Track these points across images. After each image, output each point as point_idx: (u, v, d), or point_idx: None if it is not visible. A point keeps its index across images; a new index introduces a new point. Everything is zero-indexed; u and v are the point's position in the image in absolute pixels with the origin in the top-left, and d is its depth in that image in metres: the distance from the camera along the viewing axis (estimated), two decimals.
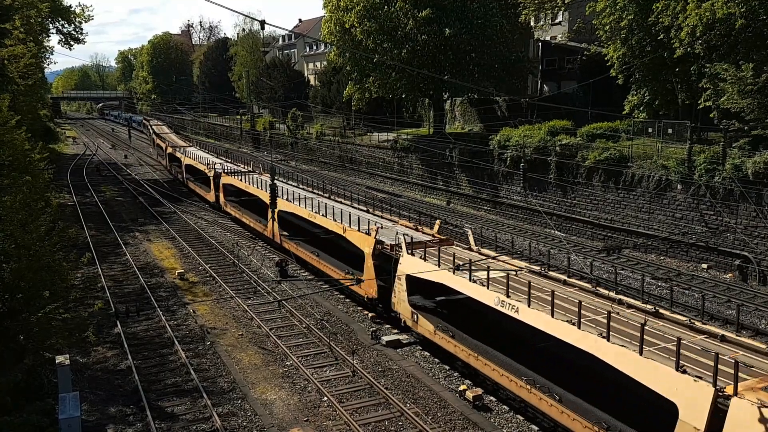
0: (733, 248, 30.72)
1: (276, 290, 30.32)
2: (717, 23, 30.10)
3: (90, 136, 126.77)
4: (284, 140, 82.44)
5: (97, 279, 31.97)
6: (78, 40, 72.58)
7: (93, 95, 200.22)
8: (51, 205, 29.95)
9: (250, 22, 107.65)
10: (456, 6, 48.82)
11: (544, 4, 46.02)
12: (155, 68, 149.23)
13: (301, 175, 49.52)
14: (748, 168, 29.75)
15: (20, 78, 43.22)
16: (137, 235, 42.40)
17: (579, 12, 49.51)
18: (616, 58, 37.51)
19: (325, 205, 32.97)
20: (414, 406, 19.14)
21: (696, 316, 20.02)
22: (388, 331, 25.21)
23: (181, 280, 32.50)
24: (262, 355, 23.27)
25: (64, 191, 58.39)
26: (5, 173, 23.06)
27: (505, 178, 45.00)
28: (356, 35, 51.10)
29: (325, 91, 78.91)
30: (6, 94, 31.18)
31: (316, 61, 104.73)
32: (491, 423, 18.39)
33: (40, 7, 55.65)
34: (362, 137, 66.30)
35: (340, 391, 20.19)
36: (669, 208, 33.77)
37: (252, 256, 36.52)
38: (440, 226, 28.89)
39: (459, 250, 24.77)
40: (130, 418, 19.02)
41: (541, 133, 41.81)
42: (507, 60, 51.16)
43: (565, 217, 39.90)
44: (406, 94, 56.30)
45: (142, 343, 24.60)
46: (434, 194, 52.67)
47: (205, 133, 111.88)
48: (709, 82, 31.66)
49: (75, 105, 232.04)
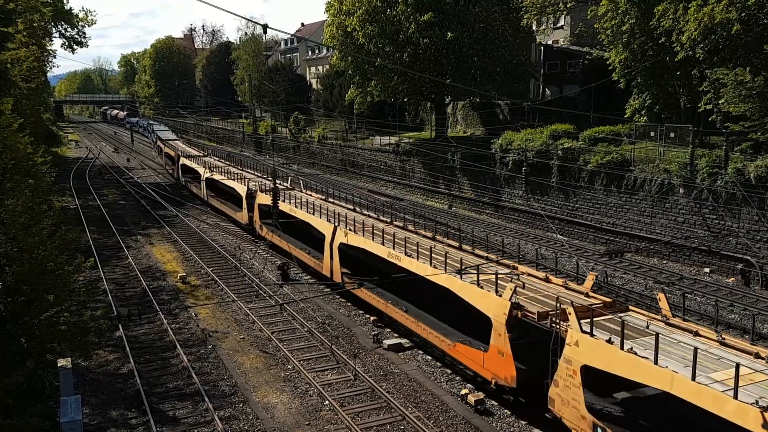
0: (735, 252, 30.66)
1: (278, 294, 30.31)
2: (717, 27, 30.14)
3: (92, 139, 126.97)
4: (286, 144, 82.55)
5: (99, 282, 32.02)
6: (81, 44, 72.79)
7: (96, 99, 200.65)
8: (53, 208, 30.02)
9: (253, 26, 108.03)
10: (458, 10, 48.92)
11: (546, 9, 46.08)
12: (158, 72, 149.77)
13: (336, 189, 43.46)
14: (750, 172, 29.71)
15: (23, 81, 43.42)
16: (139, 239, 42.43)
17: (581, 16, 49.58)
18: (618, 62, 37.54)
19: (381, 231, 27.05)
20: (415, 410, 19.10)
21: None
22: (389, 335, 25.18)
23: (183, 283, 32.52)
24: (264, 358, 23.26)
25: (67, 194, 58.52)
26: (8, 176, 23.08)
27: (507, 181, 44.98)
28: (358, 39, 51.19)
29: (327, 95, 79.06)
30: (9, 98, 31.23)
31: (318, 64, 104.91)
32: (493, 427, 18.34)
33: (43, 10, 55.86)
34: (364, 141, 66.38)
35: (341, 395, 20.16)
36: (671, 211, 33.72)
37: (254, 259, 36.52)
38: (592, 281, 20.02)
39: (644, 320, 16.94)
40: (131, 421, 19.00)
41: (543, 136, 41.82)
42: (509, 64, 51.24)
43: (567, 221, 39.86)
44: (408, 97, 56.39)
45: (143, 346, 24.60)
46: (436, 198, 52.67)
47: (207, 137, 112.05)
48: (710, 85, 31.67)
49: (78, 108, 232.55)
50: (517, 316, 17.85)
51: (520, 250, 29.65)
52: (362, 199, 38.49)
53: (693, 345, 13.93)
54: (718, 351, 14.64)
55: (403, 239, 24.94)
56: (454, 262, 21.57)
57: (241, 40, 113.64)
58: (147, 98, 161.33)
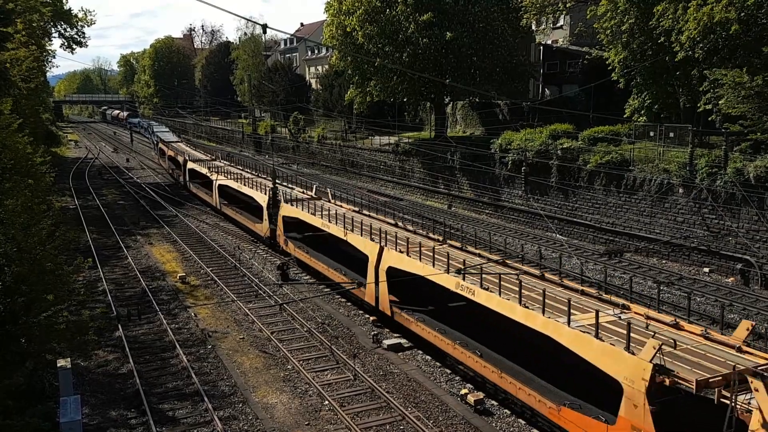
0: (735, 252, 30.67)
1: (277, 294, 30.30)
2: (717, 26, 30.15)
3: (92, 139, 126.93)
4: (286, 144, 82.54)
5: (99, 282, 32.00)
6: (80, 44, 72.95)
7: (95, 99, 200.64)
8: (53, 208, 30.00)
9: (252, 25, 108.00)
10: (457, 10, 48.91)
11: (546, 8, 46.09)
12: (157, 72, 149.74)
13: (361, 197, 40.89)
14: (749, 171, 29.72)
15: (22, 81, 43.38)
16: (139, 239, 42.42)
17: (580, 16, 49.56)
18: (617, 62, 37.54)
19: (432, 250, 23.56)
20: (415, 410, 19.10)
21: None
22: (389, 335, 25.17)
23: (183, 283, 32.51)
24: (264, 358, 23.25)
25: (66, 194, 58.51)
26: (7, 176, 23.08)
27: (506, 181, 44.98)
28: (358, 39, 51.19)
29: (326, 95, 79.06)
30: (8, 98, 31.23)
31: (317, 64, 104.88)
32: (492, 427, 18.34)
33: (43, 10, 55.87)
34: (364, 141, 66.39)
35: (341, 395, 20.16)
36: (671, 211, 33.73)
37: (253, 259, 36.51)
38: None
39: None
40: (131, 421, 19.00)
41: (542, 136, 41.82)
42: (508, 64, 51.26)
43: (567, 221, 39.87)
44: (408, 97, 56.37)
45: (143, 346, 24.59)
46: (435, 198, 52.67)
47: (207, 137, 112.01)
48: (710, 85, 31.69)
49: (77, 108, 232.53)
50: (663, 382, 13.44)
51: (522, 250, 29.52)
52: (379, 206, 35.77)
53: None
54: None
55: (462, 262, 21.03)
56: (557, 303, 17.61)
57: (241, 40, 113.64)
58: (146, 98, 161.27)
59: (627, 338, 14.34)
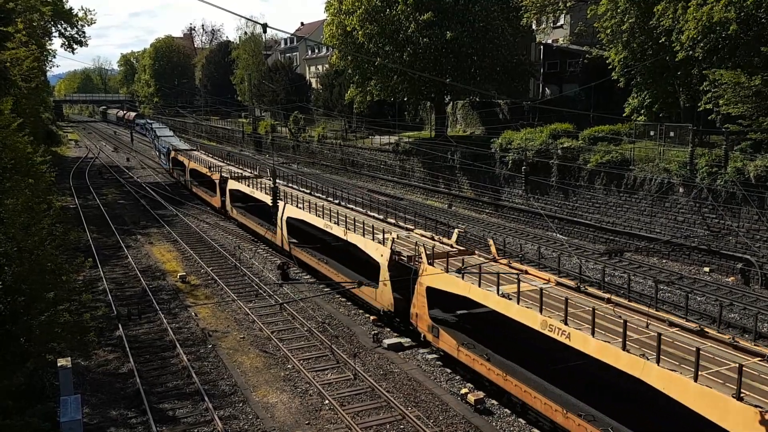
0: (735, 251, 30.67)
1: (277, 293, 30.31)
2: (716, 26, 30.14)
3: (92, 139, 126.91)
4: (286, 143, 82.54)
5: (99, 282, 32.00)
6: (80, 44, 72.88)
7: (95, 98, 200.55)
8: (53, 207, 29.97)
9: (252, 25, 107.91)
10: (457, 9, 48.89)
11: (546, 8, 46.10)
12: (157, 71, 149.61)
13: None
14: (750, 171, 29.73)
15: (23, 81, 43.34)
16: (139, 238, 42.43)
17: (580, 15, 49.57)
18: (617, 61, 37.55)
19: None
20: (415, 410, 19.11)
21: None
22: (389, 335, 25.18)
23: (183, 282, 32.51)
24: (264, 358, 23.26)
25: (67, 194, 58.47)
26: (7, 176, 23.06)
27: (506, 181, 44.98)
28: (358, 38, 51.18)
29: (326, 94, 79.04)
30: (8, 97, 31.18)
31: (317, 64, 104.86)
32: (493, 426, 18.35)
33: (43, 10, 55.82)
34: (364, 140, 66.38)
35: (341, 395, 20.17)
36: (671, 211, 33.72)
37: (254, 259, 36.52)
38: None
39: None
40: (131, 421, 19.02)
41: (542, 136, 41.82)
42: (509, 63, 51.23)
43: (567, 220, 39.86)
44: (408, 97, 56.37)
45: (143, 346, 24.60)
46: (436, 197, 52.67)
47: (207, 136, 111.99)
48: (710, 85, 31.68)
49: (77, 108, 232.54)
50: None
51: (521, 249, 29.52)
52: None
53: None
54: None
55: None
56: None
57: (241, 40, 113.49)
58: (146, 98, 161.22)
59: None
